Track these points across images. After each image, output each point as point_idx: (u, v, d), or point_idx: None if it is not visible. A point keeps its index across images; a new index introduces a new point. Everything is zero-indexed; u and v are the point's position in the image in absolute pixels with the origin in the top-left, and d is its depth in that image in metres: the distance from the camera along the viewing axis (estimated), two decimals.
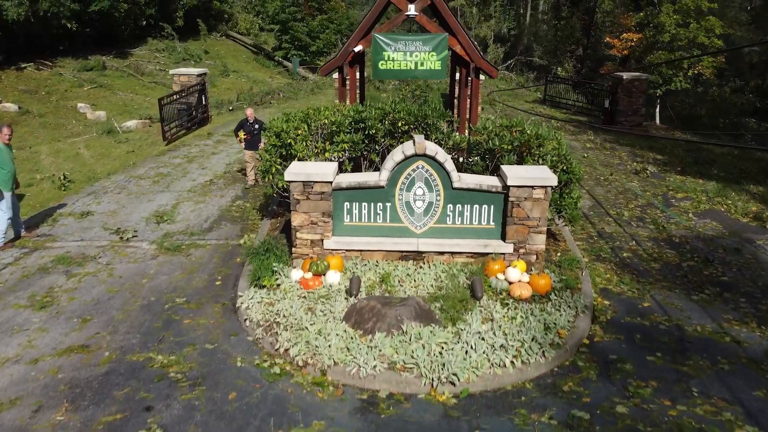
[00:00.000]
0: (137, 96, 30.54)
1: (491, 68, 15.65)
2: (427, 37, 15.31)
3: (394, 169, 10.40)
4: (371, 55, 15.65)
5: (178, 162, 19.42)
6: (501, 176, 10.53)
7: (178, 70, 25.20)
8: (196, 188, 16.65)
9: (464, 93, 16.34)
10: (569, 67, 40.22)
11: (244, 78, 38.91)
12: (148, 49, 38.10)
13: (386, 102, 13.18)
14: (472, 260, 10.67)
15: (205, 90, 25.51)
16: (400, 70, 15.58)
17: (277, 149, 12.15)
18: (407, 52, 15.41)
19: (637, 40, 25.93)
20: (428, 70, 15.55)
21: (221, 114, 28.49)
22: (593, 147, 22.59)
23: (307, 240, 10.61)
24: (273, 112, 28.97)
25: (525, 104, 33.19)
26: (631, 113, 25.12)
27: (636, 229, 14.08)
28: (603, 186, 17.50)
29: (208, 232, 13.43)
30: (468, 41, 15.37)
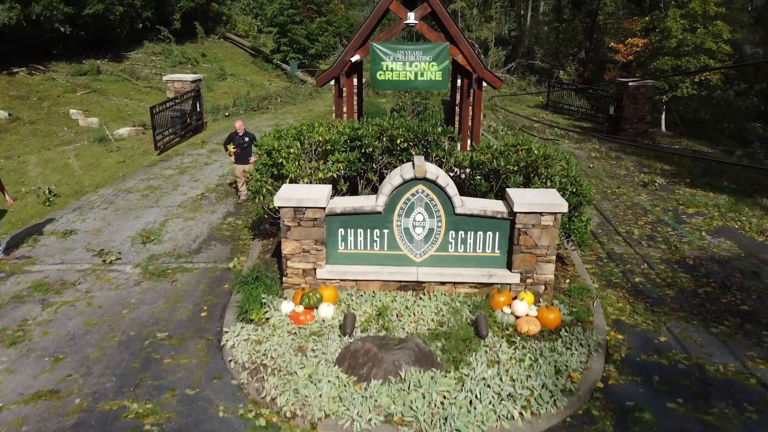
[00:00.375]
0: (132, 101, 29.74)
1: (494, 79, 14.85)
2: (428, 47, 14.52)
3: (392, 193, 9.60)
4: (369, 65, 14.87)
5: (169, 173, 18.62)
6: (507, 201, 9.73)
7: (172, 77, 24.40)
8: (186, 203, 15.85)
9: (466, 104, 15.54)
10: (571, 71, 39.41)
11: (242, 81, 38.12)
12: (144, 53, 37.29)
13: (385, 111, 12.38)
14: (475, 290, 9.88)
15: (200, 96, 24.72)
16: (399, 80, 14.79)
17: (268, 168, 11.35)
18: (407, 62, 14.63)
19: (642, 45, 25.11)
20: (428, 81, 14.77)
21: (217, 120, 27.69)
22: (598, 156, 21.78)
23: (299, 269, 9.82)
24: (270, 117, 28.21)
25: (527, 109, 32.38)
26: (636, 120, 24.31)
27: (647, 250, 13.27)
28: (610, 200, 16.69)
29: (197, 254, 12.63)
30: (470, 50, 14.57)
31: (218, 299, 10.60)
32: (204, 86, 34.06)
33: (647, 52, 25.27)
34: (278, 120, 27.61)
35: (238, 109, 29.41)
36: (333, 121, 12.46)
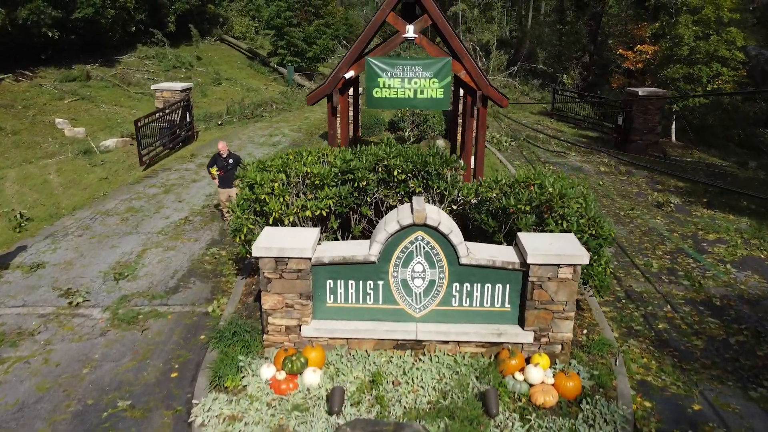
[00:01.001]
0: (122, 108, 28.41)
1: (500, 96, 13.52)
2: (428, 62, 13.22)
3: (388, 241, 8.30)
4: (365, 82, 13.55)
5: (153, 192, 17.30)
6: (519, 248, 8.43)
7: (161, 86, 23.06)
8: (168, 229, 14.54)
9: (469, 122, 14.23)
10: (575, 75, 38.04)
11: (238, 86, 36.78)
12: (137, 57, 35.95)
13: (383, 122, 11.06)
14: (482, 350, 8.58)
15: (190, 106, 23.38)
16: (397, 98, 13.50)
17: (250, 204, 10.04)
18: (405, 78, 13.33)
19: (652, 52, 23.75)
20: (429, 99, 13.47)
21: (209, 129, 26.35)
22: (608, 171, 20.46)
23: (281, 326, 8.52)
24: (264, 126, 26.88)
25: (530, 116, 31.03)
26: (646, 131, 22.98)
27: (669, 287, 11.96)
28: (624, 224, 15.38)
29: (173, 294, 11.33)
30: (474, 65, 13.25)
31: (192, 354, 9.30)
32: (198, 91, 32.82)
33: (657, 60, 23.90)
34: (272, 129, 26.28)
35: (231, 117, 28.08)
36: (323, 148, 11.12)
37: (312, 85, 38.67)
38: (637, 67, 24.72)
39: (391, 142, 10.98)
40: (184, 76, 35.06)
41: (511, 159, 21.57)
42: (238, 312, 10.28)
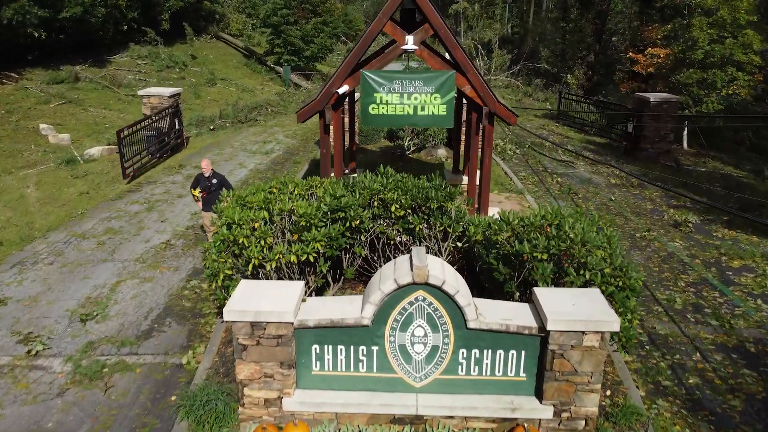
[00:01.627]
0: (110, 112, 27.07)
1: (509, 114, 12.20)
2: (430, 75, 11.90)
3: (383, 301, 7.01)
4: (360, 97, 12.25)
5: (135, 210, 16.00)
6: (536, 308, 7.15)
7: (148, 91, 21.71)
8: (147, 255, 13.25)
9: (474, 143, 12.92)
10: (579, 75, 36.65)
11: (233, 86, 35.43)
12: (130, 56, 34.56)
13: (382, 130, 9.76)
14: (493, 426, 7.29)
15: (179, 112, 22.05)
16: (395, 115, 12.19)
17: (228, 246, 8.74)
18: (405, 93, 12.02)
19: (664, 56, 22.39)
20: (431, 116, 12.17)
21: (200, 135, 25.01)
22: (619, 183, 19.14)
23: (259, 399, 7.24)
24: (258, 132, 25.54)
25: (535, 119, 29.67)
26: (658, 140, 21.65)
27: (696, 328, 10.68)
28: (641, 248, 14.08)
29: (146, 339, 10.05)
30: (479, 79, 11.92)
31: (160, 423, 8.02)
32: (191, 93, 31.48)
33: (669, 64, 22.53)
34: (266, 135, 24.95)
35: (224, 122, 26.74)
36: (311, 181, 9.81)
37: (309, 85, 37.32)
38: (648, 72, 23.33)
39: (389, 171, 9.68)
40: (177, 77, 33.72)
41: (517, 170, 20.24)
42: (214, 367, 9.00)
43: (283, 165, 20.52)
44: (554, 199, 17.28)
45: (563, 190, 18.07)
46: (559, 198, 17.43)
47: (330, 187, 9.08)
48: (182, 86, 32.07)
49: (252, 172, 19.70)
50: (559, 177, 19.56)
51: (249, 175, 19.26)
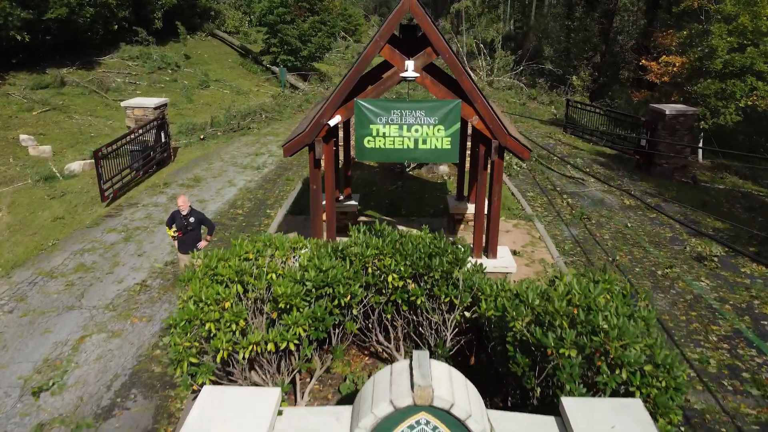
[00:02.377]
0: (97, 120, 25.54)
1: (522, 148, 10.70)
2: (433, 105, 10.42)
3: (377, 425, 5.55)
4: (354, 128, 10.76)
5: (111, 241, 14.54)
6: (565, 427, 5.70)
7: (132, 102, 20.18)
8: (118, 300, 11.81)
9: (481, 178, 11.42)
10: (585, 76, 35.05)
11: (227, 88, 33.85)
12: (120, 57, 32.97)
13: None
14: None
15: (165, 124, 20.53)
16: (393, 149, 10.71)
17: (195, 327, 7.28)
18: (404, 125, 10.54)
19: (680, 64, 20.82)
20: (433, 150, 10.70)
21: (190, 145, 23.50)
22: (633, 205, 17.65)
23: None
24: (250, 142, 24.02)
25: (540, 126, 28.14)
26: (673, 154, 20.13)
27: (736, 400, 9.25)
28: (664, 290, 12.63)
29: (105, 419, 8.62)
30: (488, 109, 10.43)
31: None
32: (183, 96, 29.93)
33: (685, 73, 20.96)
34: (259, 146, 23.45)
35: (216, 130, 25.20)
36: (295, 241, 8.32)
37: (307, 87, 35.75)
38: (663, 81, 21.76)
39: (385, 229, 8.21)
40: (169, 79, 32.17)
41: (524, 189, 18.76)
42: None
43: (275, 183, 19.03)
44: (566, 226, 15.81)
45: (575, 214, 16.59)
46: (571, 224, 15.96)
47: (315, 256, 7.59)
48: (174, 89, 30.57)
49: (241, 191, 18.21)
50: (570, 197, 18.08)
51: (238, 196, 17.77)
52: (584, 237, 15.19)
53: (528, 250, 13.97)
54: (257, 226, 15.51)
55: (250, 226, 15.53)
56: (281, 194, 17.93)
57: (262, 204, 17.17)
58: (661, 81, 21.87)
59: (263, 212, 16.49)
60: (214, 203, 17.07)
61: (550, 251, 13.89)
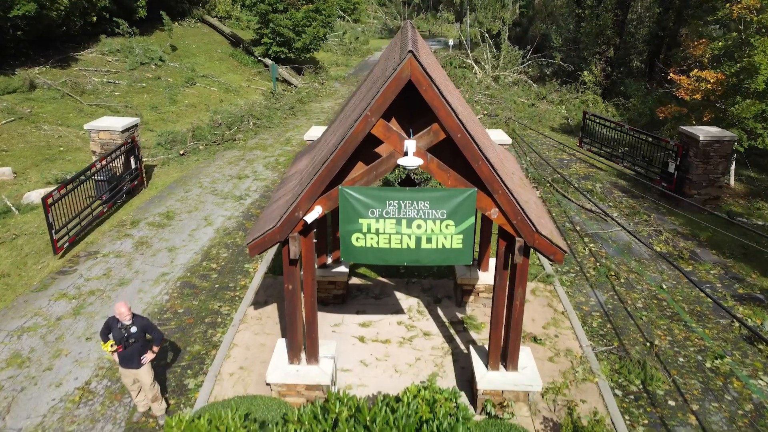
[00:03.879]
0: (69, 130, 22.89)
1: (553, 249, 8.16)
2: (440, 194, 7.89)
3: None
4: (339, 223, 8.23)
5: (58, 314, 12.08)
6: None
7: (97, 124, 17.51)
8: (51, 418, 9.39)
9: (501, 280, 8.90)
10: (597, 71, 32.19)
11: (215, 85, 31.03)
12: (100, 52, 30.10)
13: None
14: None
15: (136, 148, 17.89)
16: (390, 249, 8.23)
17: None
18: (403, 219, 8.04)
19: (714, 81, 18.05)
20: (440, 250, 8.23)
21: (168, 163, 20.87)
22: (665, 251, 15.15)
23: None
24: (234, 159, 21.41)
25: (551, 135, 25.46)
26: (706, 184, 17.56)
27: None
28: (717, 395, 10.20)
29: None
30: (513, 201, 7.89)
31: None
32: (166, 97, 27.21)
33: (720, 90, 18.21)
34: (244, 164, 20.84)
35: (197, 144, 22.53)
36: None
37: (300, 83, 32.93)
38: (694, 99, 18.99)
39: (375, 415, 5.75)
40: (152, 76, 29.35)
41: None
42: None
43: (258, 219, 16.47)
44: (591, 289, 13.33)
45: (600, 270, 14.10)
46: (596, 284, 13.48)
47: None
48: (157, 88, 27.85)
49: (218, 233, 15.69)
50: (592, 241, 15.57)
51: (213, 240, 15.26)
52: (614, 305, 12.72)
53: (551, 333, 11.51)
54: (232, 290, 13.03)
55: (224, 289, 13.05)
56: None
57: (240, 252, 14.67)
58: (691, 98, 19.11)
59: (240, 267, 13.99)
60: (185, 253, 14.57)
61: (577, 335, 11.43)
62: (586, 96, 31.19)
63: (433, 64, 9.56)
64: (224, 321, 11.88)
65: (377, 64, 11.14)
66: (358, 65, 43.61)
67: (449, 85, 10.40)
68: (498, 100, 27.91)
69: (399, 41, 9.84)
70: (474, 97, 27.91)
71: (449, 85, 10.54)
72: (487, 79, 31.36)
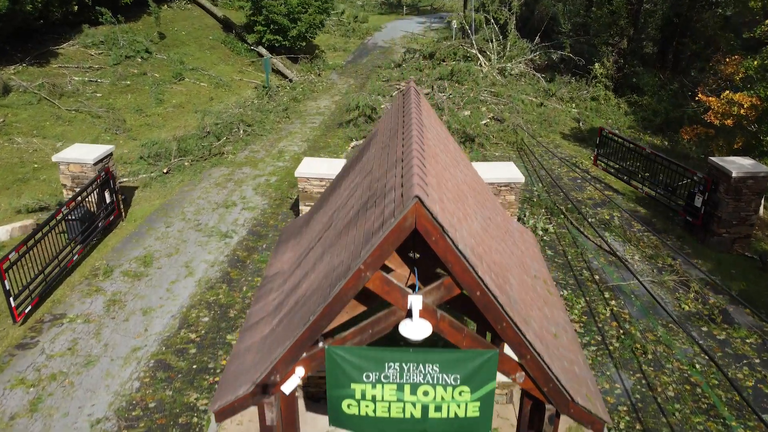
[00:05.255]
0: (45, 142, 20.98)
1: (591, 418, 6.44)
2: (452, 356, 6.21)
3: None
4: (326, 385, 6.52)
5: (12, 411, 10.41)
6: None
7: (66, 155, 15.61)
8: None
9: None
10: (609, 64, 29.97)
11: (205, 79, 28.90)
12: (82, 44, 27.85)
13: None
14: None
15: (111, 179, 16.02)
16: (389, 419, 6.55)
17: None
18: (407, 384, 6.37)
19: (749, 106, 16.04)
20: (453, 420, 6.63)
21: (150, 185, 19.00)
22: (694, 311, 13.44)
23: None
24: (221, 179, 19.54)
25: (562, 144, 23.50)
26: (736, 222, 15.76)
27: None
28: None
29: None
30: (542, 366, 6.16)
31: None
32: (152, 97, 25.15)
33: (753, 115, 16.22)
34: (233, 187, 18.98)
35: (183, 159, 20.56)
36: None
37: (296, 75, 30.75)
38: (725, 124, 16.99)
39: None
40: (138, 72, 27.21)
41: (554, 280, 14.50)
42: None
43: (243, 268, 14.76)
44: (616, 369, 11.68)
45: (624, 342, 12.41)
46: (621, 365, 11.82)
47: None
48: (143, 86, 25.81)
49: (200, 286, 13.97)
50: (613, 297, 13.87)
51: (194, 298, 13.54)
52: (642, 395, 11.08)
53: None
54: (212, 373, 11.36)
55: (202, 372, 11.39)
56: (249, 292, 13.72)
57: (223, 316, 12.97)
58: (722, 123, 17.11)
59: (222, 338, 12.30)
60: (161, 316, 12.87)
61: None
62: (597, 91, 29.06)
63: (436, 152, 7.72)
64: (200, 422, 10.24)
65: (376, 135, 9.24)
66: (357, 50, 41.15)
67: (458, 166, 8.54)
68: (504, 99, 25.82)
69: (401, 126, 7.95)
70: (479, 96, 25.81)
71: (458, 163, 8.68)
72: (493, 72, 29.17)
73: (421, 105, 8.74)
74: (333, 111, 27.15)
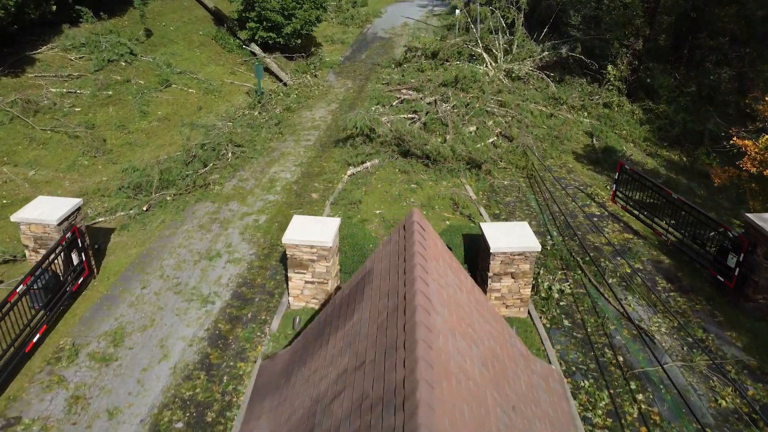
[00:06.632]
0: (16, 170, 18.93)
1: None
2: None
3: None
4: None
5: None
6: None
7: (25, 215, 13.57)
8: None
9: None
10: (623, 66, 27.61)
11: (194, 84, 26.59)
12: (62, 47, 25.45)
13: None
14: None
15: (79, 239, 14.03)
16: None
17: None
18: None
19: None
20: None
21: (128, 225, 17.01)
22: (730, 409, 11.64)
23: None
24: (207, 217, 17.55)
25: (576, 169, 21.39)
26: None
27: None
28: None
29: None
30: None
31: None
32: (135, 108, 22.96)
33: None
34: (218, 229, 16.98)
35: (165, 194, 18.48)
36: None
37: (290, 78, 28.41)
38: (761, 172, 14.89)
39: None
40: (121, 78, 24.90)
41: (571, 362, 12.66)
42: None
43: (226, 348, 12.89)
44: None
45: None
46: None
47: None
48: (126, 95, 23.61)
49: (174, 375, 12.12)
50: (640, 388, 12.04)
51: (168, 392, 11.70)
52: None
53: None
54: None
55: None
56: (230, 385, 11.90)
57: (199, 420, 11.16)
58: (758, 171, 15.00)
59: None
60: (128, 421, 11.05)
61: None
62: (610, 96, 26.78)
63: (448, 348, 5.79)
64: None
65: (371, 281, 7.23)
66: (356, 41, 38.50)
67: (474, 339, 6.59)
68: (512, 110, 23.60)
69: (401, 301, 5.98)
70: (486, 106, 23.58)
71: (476, 332, 6.72)
72: (500, 74, 26.83)
73: (428, 253, 6.73)
74: (329, 124, 24.90)
